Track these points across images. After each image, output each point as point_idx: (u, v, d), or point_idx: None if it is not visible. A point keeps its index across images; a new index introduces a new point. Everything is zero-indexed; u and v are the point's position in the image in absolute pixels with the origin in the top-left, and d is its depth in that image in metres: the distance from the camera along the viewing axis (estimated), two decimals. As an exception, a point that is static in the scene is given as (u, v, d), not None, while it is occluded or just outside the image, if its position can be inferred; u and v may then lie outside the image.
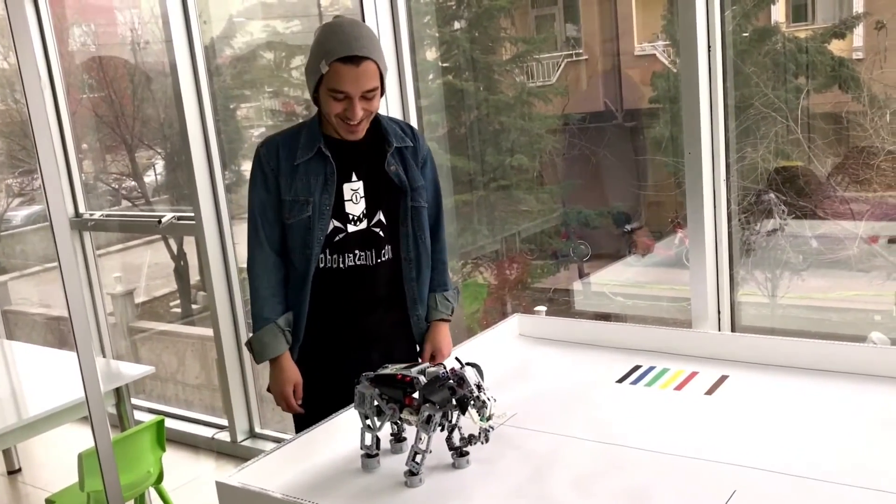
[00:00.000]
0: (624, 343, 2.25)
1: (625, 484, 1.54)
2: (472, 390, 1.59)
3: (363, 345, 2.11)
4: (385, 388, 1.66)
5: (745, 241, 3.12)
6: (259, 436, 3.94)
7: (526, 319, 2.47)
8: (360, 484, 1.65)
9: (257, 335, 2.06)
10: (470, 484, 1.58)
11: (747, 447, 1.64)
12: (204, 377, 4.90)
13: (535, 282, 4.43)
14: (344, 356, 2.10)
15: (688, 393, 1.94)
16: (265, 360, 2.08)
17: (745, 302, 2.97)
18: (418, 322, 2.18)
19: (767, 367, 2.02)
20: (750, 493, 1.47)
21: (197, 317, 5.18)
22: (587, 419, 1.84)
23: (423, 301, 2.18)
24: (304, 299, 2.06)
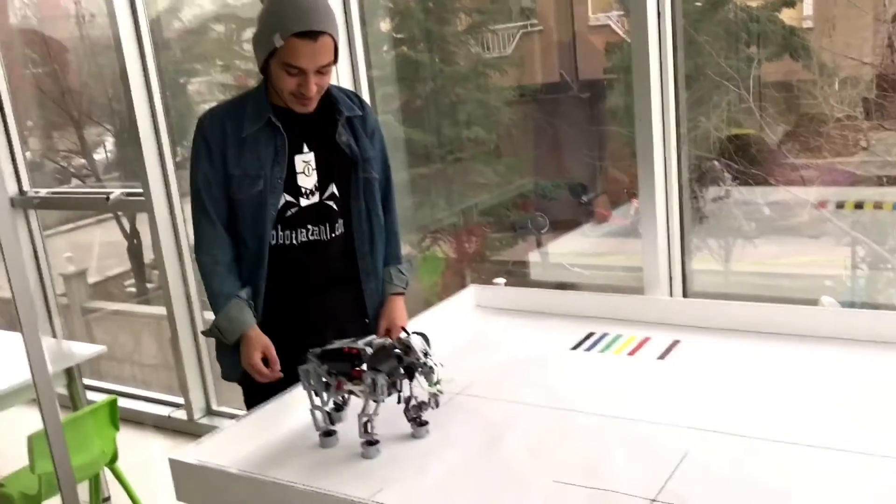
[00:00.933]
0: (578, 311, 2.26)
1: (579, 449, 1.55)
2: (419, 357, 1.60)
3: (319, 324, 2.08)
4: (332, 362, 1.65)
5: (696, 208, 3.15)
6: (216, 413, 3.92)
7: (482, 290, 2.47)
8: (317, 457, 1.64)
9: (224, 312, 1.99)
10: (427, 452, 1.59)
11: (699, 410, 1.66)
12: (161, 357, 4.84)
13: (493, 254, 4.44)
14: (300, 337, 2.05)
15: (640, 358, 1.96)
16: (238, 337, 2.00)
17: (699, 270, 3.01)
18: (371, 297, 2.15)
19: (719, 331, 2.05)
20: (701, 454, 1.49)
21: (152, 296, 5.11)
22: (542, 386, 1.85)
23: (377, 275, 2.15)
24: (260, 278, 2.02)
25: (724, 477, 1.41)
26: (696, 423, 1.60)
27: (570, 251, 4.11)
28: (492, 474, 1.50)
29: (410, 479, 1.51)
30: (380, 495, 1.45)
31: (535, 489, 1.43)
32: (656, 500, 1.35)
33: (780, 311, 2.01)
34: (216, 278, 2.00)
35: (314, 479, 1.49)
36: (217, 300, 2.00)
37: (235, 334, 1.99)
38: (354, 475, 1.54)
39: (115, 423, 2.82)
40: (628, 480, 1.42)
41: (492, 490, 1.44)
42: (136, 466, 3.45)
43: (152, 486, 3.12)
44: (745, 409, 1.65)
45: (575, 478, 1.45)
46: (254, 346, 1.99)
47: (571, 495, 1.40)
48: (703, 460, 1.47)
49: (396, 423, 1.66)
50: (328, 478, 1.53)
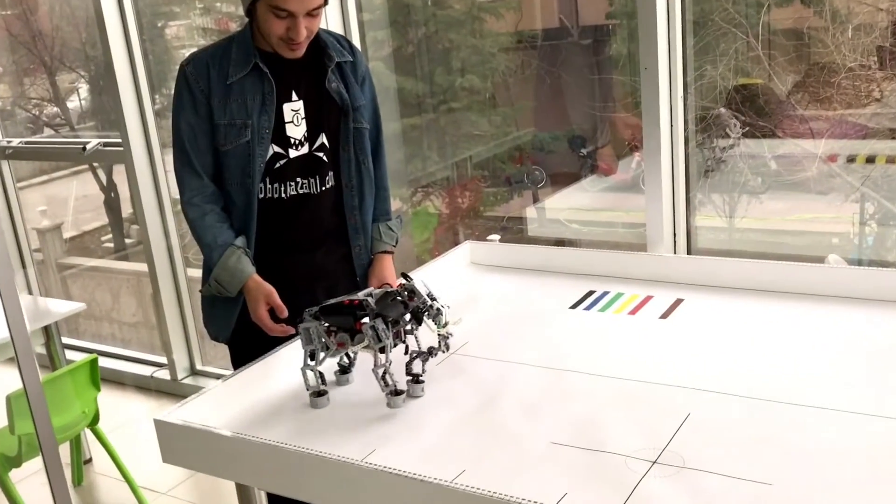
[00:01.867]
0: (577, 268, 2.27)
1: (577, 410, 1.57)
2: (425, 300, 1.61)
3: (309, 283, 2.09)
4: (333, 318, 1.64)
5: (706, 159, 3.14)
6: (201, 373, 3.94)
7: (477, 247, 2.48)
8: (308, 418, 1.65)
9: (222, 263, 1.95)
10: (421, 413, 1.60)
11: (702, 371, 1.68)
12: (141, 315, 4.85)
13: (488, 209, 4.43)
14: (288, 297, 2.06)
15: (642, 317, 1.97)
16: (240, 287, 1.96)
17: (703, 226, 3.01)
18: (360, 254, 2.15)
19: (723, 289, 2.06)
20: (704, 415, 1.51)
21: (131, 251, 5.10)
22: (540, 346, 1.86)
23: (367, 231, 2.15)
24: (249, 235, 2.00)
25: (728, 438, 1.43)
26: (699, 384, 1.62)
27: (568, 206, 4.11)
28: (487, 435, 1.51)
29: (403, 440, 1.53)
30: (372, 456, 1.47)
31: (531, 451, 1.45)
32: (657, 461, 1.37)
33: (786, 269, 2.02)
34: (207, 230, 1.97)
35: (304, 441, 1.51)
36: (212, 252, 1.97)
37: (237, 285, 1.97)
38: (346, 436, 1.56)
39: (96, 384, 2.83)
40: (628, 442, 1.43)
41: (486, 451, 1.46)
42: (117, 428, 3.48)
43: (135, 448, 3.15)
44: (750, 370, 1.66)
45: (572, 439, 1.47)
46: (256, 297, 1.96)
47: (568, 457, 1.41)
48: (706, 422, 1.49)
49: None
50: (319, 439, 1.55)
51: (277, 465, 1.47)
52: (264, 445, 1.48)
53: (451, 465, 1.42)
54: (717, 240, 3.27)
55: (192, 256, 4.01)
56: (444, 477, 1.33)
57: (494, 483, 1.32)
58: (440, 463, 1.43)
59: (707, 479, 1.32)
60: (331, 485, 1.41)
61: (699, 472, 1.33)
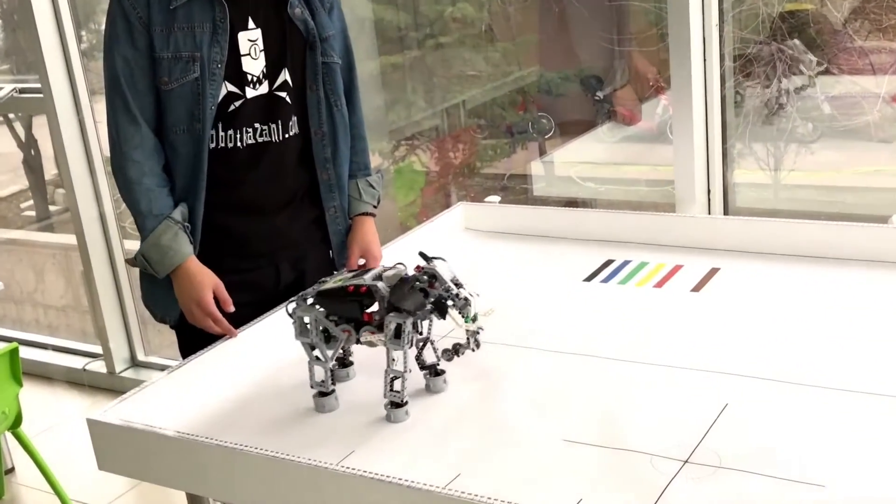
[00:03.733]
0: (593, 234, 2.27)
1: (595, 402, 1.57)
2: (450, 288, 1.59)
3: (272, 253, 2.09)
4: (332, 305, 1.63)
5: (775, 101, 3.12)
6: (143, 364, 3.95)
7: (473, 209, 2.48)
8: (273, 416, 1.66)
9: (153, 239, 1.95)
10: (410, 406, 1.60)
11: (742, 353, 1.68)
12: (70, 296, 4.84)
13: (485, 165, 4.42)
14: (248, 268, 2.07)
15: (670, 291, 1.98)
16: (170, 270, 1.97)
17: (742, 182, 3.01)
18: (335, 218, 2.15)
19: (767, 256, 2.07)
20: (744, 406, 1.52)
21: (57, 220, 5.08)
22: (549, 327, 1.87)
23: (342, 189, 2.15)
24: (198, 192, 1.99)
25: (773, 433, 1.43)
26: (738, 369, 1.62)
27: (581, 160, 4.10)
28: (487, 433, 1.52)
29: (388, 439, 1.53)
30: (351, 459, 1.47)
31: (539, 450, 1.45)
32: (689, 461, 1.38)
33: (843, 231, 2.03)
34: (143, 194, 1.96)
35: (269, 443, 1.51)
36: (145, 222, 1.97)
37: (167, 267, 1.97)
38: (320, 436, 1.56)
39: (18, 378, 2.83)
40: (654, 439, 1.44)
41: (486, 452, 1.46)
42: (44, 431, 3.48)
43: (65, 455, 3.15)
44: (799, 352, 1.67)
45: (588, 436, 1.47)
46: (201, 282, 1.96)
47: (585, 457, 1.42)
48: (747, 413, 1.49)
49: (372, 366, 1.67)
50: (286, 440, 1.55)
51: (236, 471, 1.48)
52: (220, 448, 1.48)
53: (445, 468, 1.42)
54: (760, 198, 3.27)
55: (129, 226, 4.00)
56: (435, 482, 1.34)
57: (495, 489, 1.33)
58: (431, 466, 1.43)
59: (748, 481, 1.33)
60: (300, 494, 1.42)
61: (739, 473, 1.34)
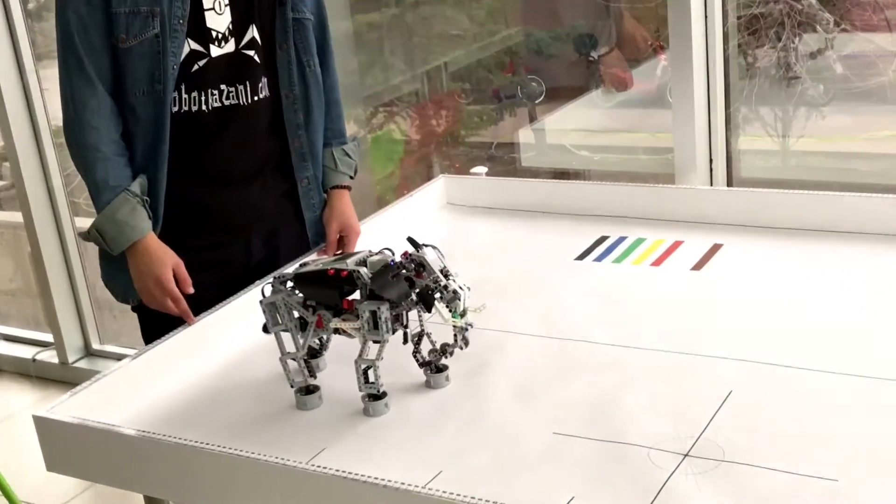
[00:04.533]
0: (585, 208, 2.27)
1: (588, 391, 1.57)
2: (438, 278, 1.58)
3: (241, 227, 2.09)
4: (311, 289, 1.62)
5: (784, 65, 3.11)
6: (99, 354, 3.94)
7: (456, 182, 2.48)
8: (241, 409, 1.66)
9: (108, 212, 1.94)
10: (389, 399, 1.60)
11: (747, 337, 1.69)
12: (20, 279, 4.81)
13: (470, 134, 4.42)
14: (216, 244, 2.07)
15: (669, 269, 1.98)
16: (126, 246, 1.96)
17: (748, 149, 3.01)
18: (308, 190, 2.15)
19: (774, 230, 2.07)
20: (749, 394, 1.52)
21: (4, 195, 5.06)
22: (538, 310, 1.87)
23: (316, 158, 2.15)
24: (159, 160, 1.98)
25: (781, 423, 1.44)
26: (742, 354, 1.63)
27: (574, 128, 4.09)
28: (470, 426, 1.52)
29: (364, 435, 1.53)
30: (322, 457, 1.47)
31: (527, 444, 1.45)
32: (690, 454, 1.38)
33: (857, 203, 2.03)
34: (99, 163, 1.96)
35: (236, 440, 1.50)
36: (100, 193, 1.96)
37: (123, 243, 1.96)
38: (290, 434, 1.56)
39: (-39, 371, 2.82)
40: (652, 430, 1.44)
41: (470, 447, 1.46)
42: (-9, 428, 3.47)
43: (13, 453, 3.15)
44: (809, 335, 1.68)
45: (580, 428, 1.47)
46: (160, 260, 1.95)
47: (575, 451, 1.42)
48: (752, 402, 1.50)
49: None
50: (255, 437, 1.55)
51: (199, 471, 1.47)
52: (181, 447, 1.48)
53: (424, 465, 1.42)
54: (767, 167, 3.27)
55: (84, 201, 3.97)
56: (413, 481, 1.33)
57: (479, 487, 1.32)
58: (411, 463, 1.43)
59: (754, 475, 1.33)
60: (267, 495, 1.41)
61: (744, 467, 1.34)
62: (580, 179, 3.78)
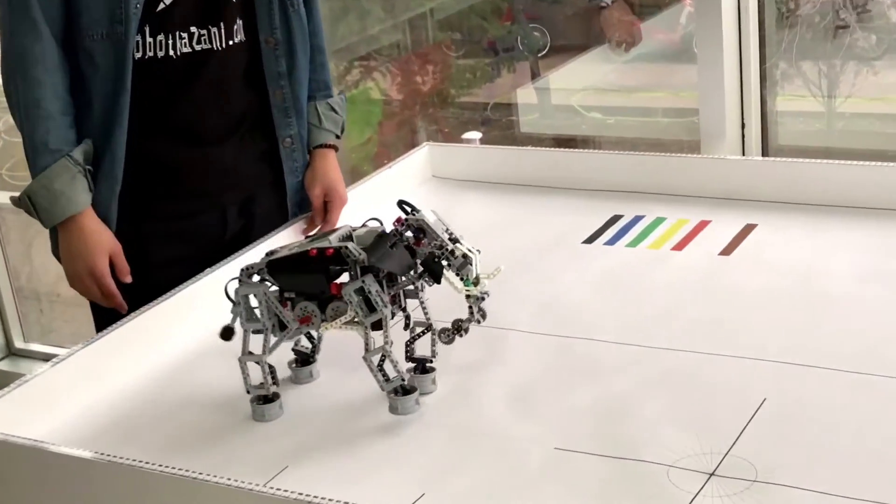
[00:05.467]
0: (596, 182, 2.27)
1: (597, 398, 1.57)
2: (443, 243, 1.56)
3: (215, 193, 2.12)
4: (289, 278, 1.60)
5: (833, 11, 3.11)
6: (22, 354, 3.92)
7: (443, 151, 2.49)
8: (195, 419, 1.65)
9: (44, 179, 1.96)
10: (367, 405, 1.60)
11: (784, 334, 1.69)
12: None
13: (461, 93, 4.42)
14: (187, 212, 2.09)
15: (693, 254, 1.98)
16: (60, 221, 1.98)
17: (787, 111, 3.02)
18: (291, 151, 2.17)
19: (816, 208, 2.07)
20: (787, 403, 1.52)
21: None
22: (540, 302, 1.87)
23: (300, 114, 2.17)
24: (119, 114, 1.99)
25: (824, 437, 1.43)
26: (780, 355, 1.62)
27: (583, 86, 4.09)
28: (460, 440, 1.52)
29: (334, 448, 1.53)
30: (283, 477, 1.46)
31: (525, 461, 1.45)
32: (716, 473, 1.38)
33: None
34: (40, 121, 1.96)
35: (183, 459, 1.50)
36: (37, 156, 1.97)
37: (56, 217, 1.98)
38: (249, 448, 1.56)
39: None
40: (672, 445, 1.44)
41: (460, 464, 1.46)
42: None
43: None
44: (858, 333, 1.67)
45: (588, 443, 1.47)
46: (96, 244, 1.98)
47: (582, 469, 1.42)
48: (791, 412, 1.49)
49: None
50: (204, 454, 1.55)
51: (139, 495, 1.46)
52: (120, 467, 1.46)
53: (404, 486, 1.42)
54: (809, 131, 3.28)
55: (6, 173, 3.97)
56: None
57: (469, 513, 1.32)
58: (388, 483, 1.43)
59: (793, 498, 1.32)
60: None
61: (780, 489, 1.34)
62: (590, 148, 3.78)
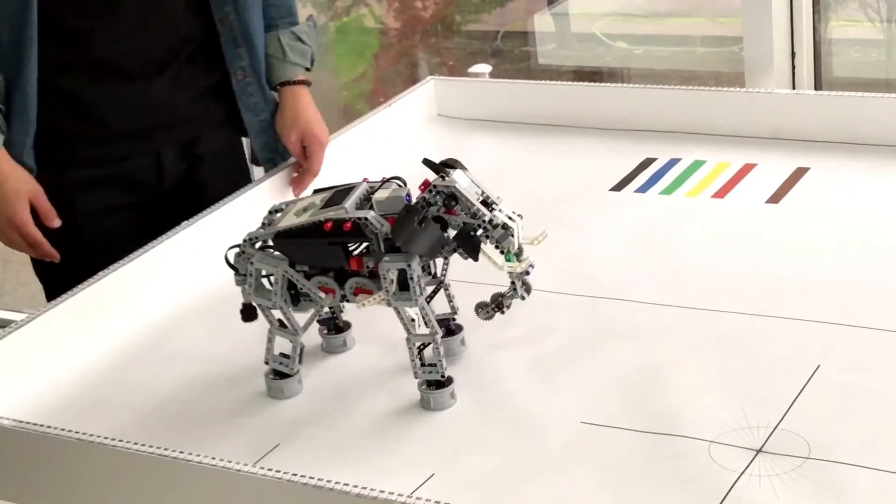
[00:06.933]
0: (624, 121, 2.27)
1: (628, 366, 1.58)
2: (479, 212, 1.53)
3: (145, 134, 2.12)
4: (303, 251, 1.58)
5: None
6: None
7: (449, 87, 2.48)
8: (167, 395, 1.66)
9: None
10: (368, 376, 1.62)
11: (841, 293, 1.69)
12: None
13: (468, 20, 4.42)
14: (114, 157, 2.10)
15: (737, 202, 1.98)
16: None
17: (842, 38, 3.01)
18: (245, 86, 2.17)
19: (876, 149, 2.07)
20: (845, 369, 1.52)
21: None
22: (563, 258, 1.87)
23: (251, 43, 2.15)
24: (26, 46, 1.99)
25: (884, 408, 1.43)
26: (835, 316, 1.63)
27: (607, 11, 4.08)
28: (473, 416, 1.52)
29: (332, 425, 1.54)
30: (273, 456, 1.47)
31: (547, 438, 1.45)
32: (763, 450, 1.38)
33: None
34: None
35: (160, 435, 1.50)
36: None
37: None
38: (233, 426, 1.56)
39: None
40: (714, 419, 1.44)
41: (472, 442, 1.47)
42: None
43: None
44: (923, 289, 1.68)
45: (618, 417, 1.48)
46: (13, 190, 1.99)
47: (611, 446, 1.42)
48: (848, 380, 1.50)
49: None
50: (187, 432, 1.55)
51: (112, 477, 1.47)
52: (90, 446, 1.46)
53: (411, 467, 1.43)
54: (866, 62, 3.27)
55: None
56: (395, 489, 1.33)
57: (480, 496, 1.34)
58: (392, 464, 1.44)
59: (849, 476, 1.32)
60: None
61: (835, 467, 1.34)
62: (615, 82, 3.77)
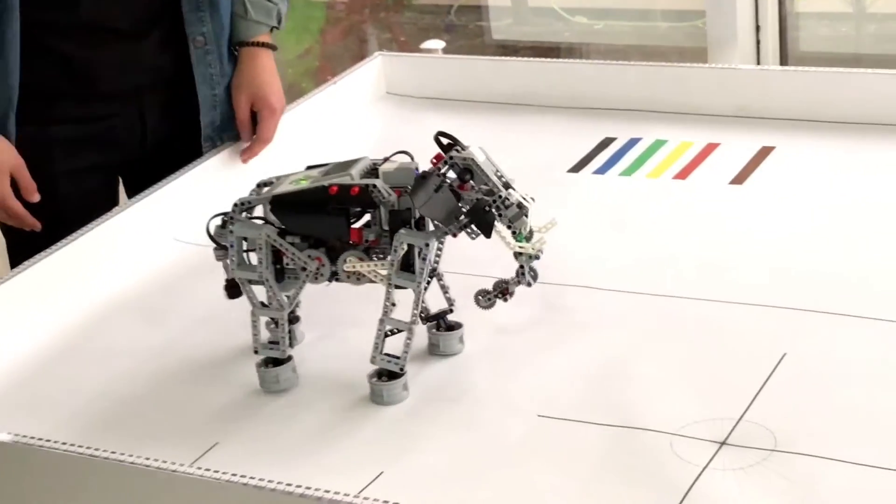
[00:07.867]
0: (582, 98, 2.28)
1: (587, 355, 1.58)
2: (496, 188, 1.53)
3: (132, 92, 2.16)
4: (303, 218, 1.58)
5: None
6: None
7: (399, 63, 2.49)
8: (113, 390, 1.65)
9: None
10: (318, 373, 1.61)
11: (807, 278, 1.69)
12: None
13: (421, -7, 4.43)
14: (98, 115, 2.13)
15: (699, 183, 1.99)
16: None
17: (808, 12, 3.01)
18: (204, 54, 2.19)
19: (845, 127, 2.08)
20: (811, 358, 1.52)
21: None
22: (516, 244, 1.87)
23: (216, 6, 2.16)
24: (6, 13, 2.01)
25: (852, 398, 1.44)
26: (802, 302, 1.63)
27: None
28: (426, 406, 1.53)
29: (276, 420, 1.54)
30: (210, 456, 1.47)
31: (501, 431, 1.45)
32: (727, 442, 1.39)
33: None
34: None
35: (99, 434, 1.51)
36: None
37: None
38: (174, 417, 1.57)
39: None
40: (676, 411, 1.44)
41: (422, 438, 1.47)
42: None
43: None
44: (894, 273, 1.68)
45: (577, 409, 1.48)
46: None
47: (570, 440, 1.42)
48: (814, 369, 1.50)
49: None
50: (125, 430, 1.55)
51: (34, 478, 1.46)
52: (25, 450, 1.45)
53: (359, 465, 1.42)
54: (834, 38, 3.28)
55: None
56: (342, 488, 1.33)
57: (431, 494, 1.34)
58: (339, 462, 1.44)
59: (816, 469, 1.33)
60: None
61: (802, 459, 1.35)
62: (574, 58, 3.77)
